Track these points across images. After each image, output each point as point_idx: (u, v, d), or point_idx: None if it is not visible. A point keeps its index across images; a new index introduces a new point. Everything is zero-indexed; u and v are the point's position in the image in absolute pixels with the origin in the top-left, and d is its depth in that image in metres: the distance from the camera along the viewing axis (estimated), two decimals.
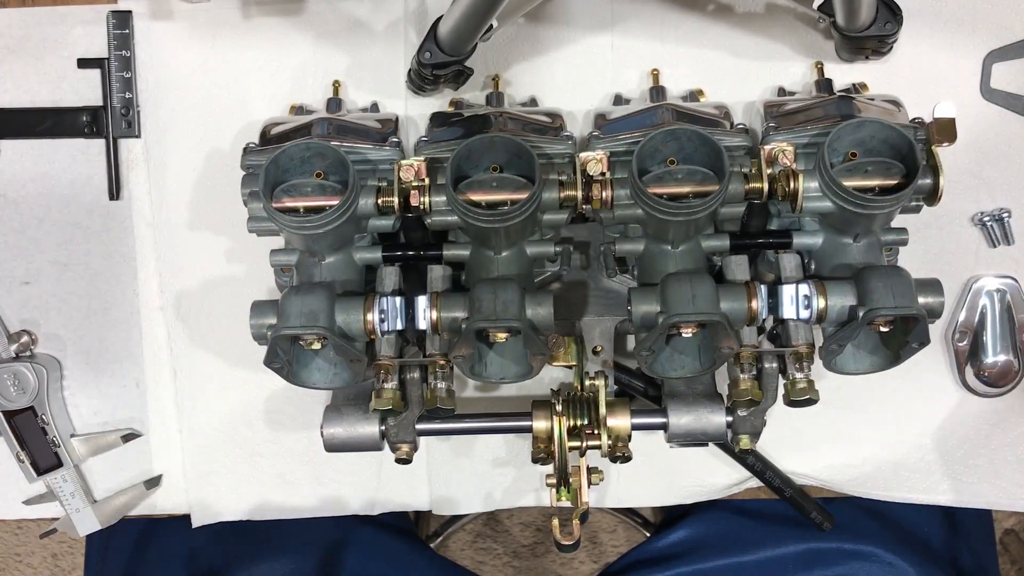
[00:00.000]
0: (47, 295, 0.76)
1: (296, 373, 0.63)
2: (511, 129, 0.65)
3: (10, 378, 0.73)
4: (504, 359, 0.64)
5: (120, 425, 0.77)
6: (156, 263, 0.75)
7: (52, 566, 1.67)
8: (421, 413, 0.66)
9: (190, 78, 0.74)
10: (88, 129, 0.75)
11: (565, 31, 0.73)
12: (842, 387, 0.74)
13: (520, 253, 0.64)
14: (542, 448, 0.64)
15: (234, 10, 0.74)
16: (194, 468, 0.76)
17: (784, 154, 0.62)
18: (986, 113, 0.72)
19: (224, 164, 0.74)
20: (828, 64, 0.72)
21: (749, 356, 0.62)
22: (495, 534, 1.57)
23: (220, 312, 0.75)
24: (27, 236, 0.76)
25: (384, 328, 0.62)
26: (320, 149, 0.62)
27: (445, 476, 0.77)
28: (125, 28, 0.74)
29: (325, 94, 0.73)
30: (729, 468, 0.76)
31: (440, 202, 0.62)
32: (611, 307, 0.71)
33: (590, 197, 0.62)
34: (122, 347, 0.76)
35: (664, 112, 0.65)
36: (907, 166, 0.61)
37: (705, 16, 0.73)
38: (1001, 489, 0.75)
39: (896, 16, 0.67)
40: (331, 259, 0.64)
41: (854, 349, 0.63)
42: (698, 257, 0.64)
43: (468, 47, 0.66)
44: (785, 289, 0.61)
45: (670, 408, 0.64)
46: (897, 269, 0.60)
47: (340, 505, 0.77)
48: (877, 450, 0.75)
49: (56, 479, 0.75)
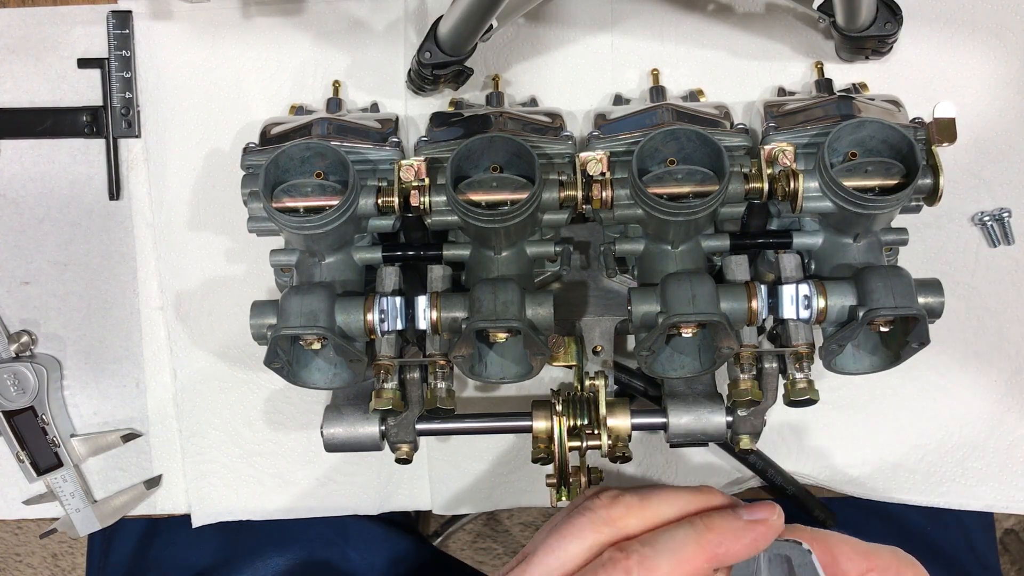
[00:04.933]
0: (47, 295, 0.76)
1: (296, 373, 0.63)
2: (511, 129, 0.65)
3: (10, 378, 0.73)
4: (504, 359, 0.64)
5: (120, 425, 0.77)
6: (156, 263, 0.75)
7: (52, 566, 1.68)
8: (421, 413, 0.66)
9: (190, 78, 0.74)
10: (88, 129, 0.75)
11: (565, 31, 0.73)
12: (842, 387, 0.74)
13: (520, 253, 0.64)
14: (542, 448, 0.64)
15: (234, 10, 0.74)
16: (194, 468, 0.77)
17: (784, 154, 0.62)
18: (986, 113, 0.72)
19: (224, 164, 0.74)
20: (828, 64, 0.72)
21: (749, 356, 0.62)
22: (495, 534, 1.57)
23: (220, 312, 0.75)
24: (27, 236, 0.76)
25: (384, 328, 0.62)
26: (320, 149, 0.62)
27: (445, 476, 0.77)
28: (125, 28, 0.74)
29: (325, 94, 0.73)
30: (729, 468, 0.76)
31: (440, 202, 0.63)
32: (611, 307, 0.71)
33: (590, 197, 0.62)
34: (122, 347, 0.76)
35: (664, 112, 0.65)
36: (907, 166, 0.61)
37: (705, 16, 0.73)
38: (1001, 491, 0.75)
39: (896, 16, 0.67)
40: (331, 259, 0.64)
41: (854, 349, 0.63)
42: (698, 257, 0.64)
43: (468, 47, 0.66)
44: (785, 289, 0.61)
45: (670, 408, 0.64)
46: (897, 269, 0.60)
47: (340, 505, 0.77)
48: (877, 450, 0.75)
49: (56, 479, 0.75)
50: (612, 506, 0.49)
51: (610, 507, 0.49)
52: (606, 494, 0.50)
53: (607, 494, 0.50)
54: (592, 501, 0.50)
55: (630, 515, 0.49)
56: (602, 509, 0.49)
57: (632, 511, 0.49)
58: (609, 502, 0.50)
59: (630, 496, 0.50)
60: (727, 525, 0.48)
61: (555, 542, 0.49)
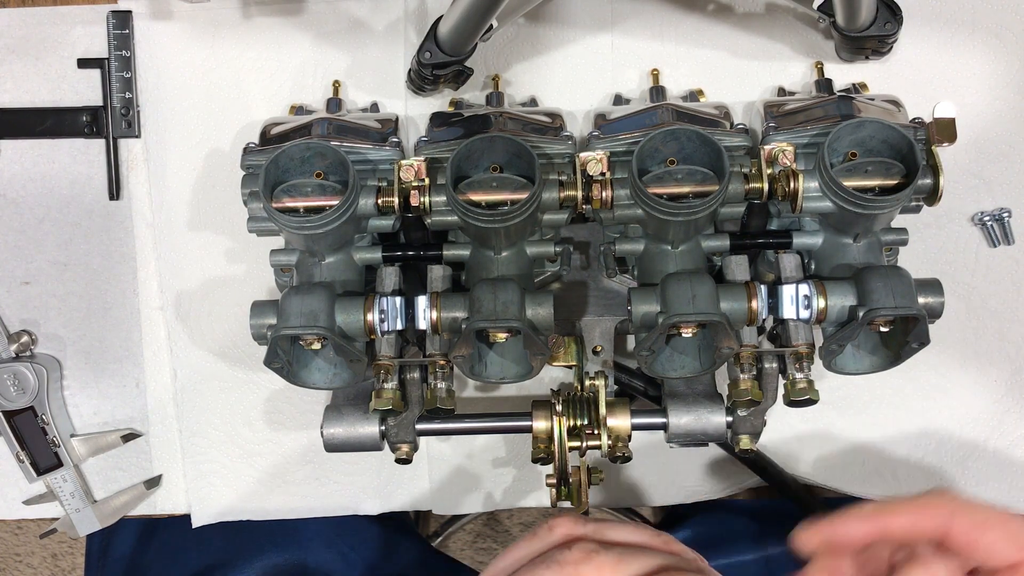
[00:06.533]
0: (47, 295, 0.76)
1: (296, 373, 0.63)
2: (511, 129, 0.65)
3: (10, 378, 0.73)
4: (504, 359, 0.64)
5: (120, 425, 0.77)
6: (156, 263, 0.75)
7: (52, 566, 1.68)
8: (421, 413, 0.66)
9: (190, 78, 0.74)
10: (88, 129, 0.75)
11: (565, 31, 0.73)
12: (842, 387, 0.74)
13: (520, 253, 0.64)
14: (542, 448, 0.64)
15: (234, 10, 0.74)
16: (194, 468, 0.77)
17: (784, 154, 0.62)
18: (986, 113, 0.72)
19: (224, 164, 0.74)
20: (828, 64, 0.72)
21: (749, 356, 0.62)
22: (495, 534, 1.57)
23: (220, 312, 0.75)
24: (27, 236, 0.76)
25: (384, 328, 0.62)
26: (320, 149, 0.62)
27: (445, 476, 0.77)
28: (125, 28, 0.74)
29: (325, 94, 0.73)
30: (730, 468, 0.76)
31: (440, 202, 0.63)
32: (611, 307, 0.71)
33: (590, 197, 0.62)
34: (122, 347, 0.76)
35: (664, 112, 0.65)
36: (907, 166, 0.61)
37: (705, 16, 0.73)
38: (1001, 491, 0.75)
39: (896, 16, 0.67)
40: (331, 259, 0.64)
41: (854, 349, 0.63)
42: (698, 257, 0.64)
43: (468, 47, 0.66)
44: (785, 289, 0.61)
45: (670, 408, 0.64)
46: (897, 269, 0.60)
47: (340, 505, 0.77)
48: (877, 450, 0.75)
49: (56, 479, 0.75)
50: (583, 563, 0.45)
51: (579, 564, 0.45)
52: (580, 548, 0.46)
53: (581, 548, 0.46)
54: (563, 554, 0.46)
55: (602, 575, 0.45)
56: (571, 566, 0.45)
57: (604, 573, 0.45)
58: (581, 558, 0.45)
59: (605, 556, 0.46)
60: None
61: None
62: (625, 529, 0.49)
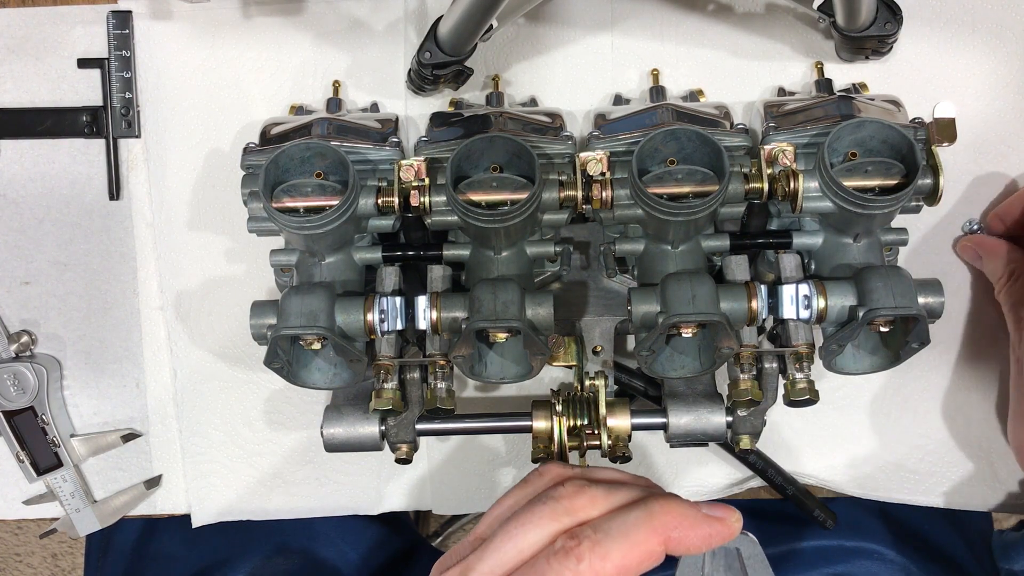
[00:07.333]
0: (47, 295, 0.76)
1: (296, 373, 0.63)
2: (511, 129, 0.65)
3: (10, 378, 0.73)
4: (504, 359, 0.64)
5: (120, 425, 0.77)
6: (156, 263, 0.75)
7: (52, 566, 1.68)
8: (421, 413, 0.66)
9: (190, 78, 0.74)
10: (88, 129, 0.75)
11: (565, 31, 0.73)
12: (842, 387, 0.74)
13: (520, 253, 0.64)
14: (542, 448, 0.64)
15: (234, 10, 0.74)
16: (194, 468, 0.77)
17: (784, 154, 0.62)
18: (986, 113, 0.72)
19: (224, 164, 0.74)
20: (828, 64, 0.72)
21: (749, 356, 0.62)
22: None
23: (220, 312, 0.75)
24: (27, 236, 0.76)
25: (384, 328, 0.62)
26: (320, 149, 0.62)
27: (445, 476, 0.77)
28: (125, 28, 0.74)
29: (325, 94, 0.73)
30: (729, 468, 0.76)
31: (440, 202, 0.63)
32: (611, 307, 0.71)
33: (590, 197, 0.62)
34: (122, 347, 0.76)
35: (664, 112, 0.65)
36: (907, 166, 0.61)
37: (705, 16, 0.73)
38: (1001, 492, 0.75)
39: (896, 16, 0.67)
40: (331, 259, 0.64)
41: (854, 349, 0.63)
42: (698, 257, 0.64)
43: (468, 47, 0.66)
44: (785, 289, 0.61)
45: (670, 408, 0.64)
46: (897, 269, 0.60)
47: (340, 505, 0.77)
48: (877, 450, 0.75)
49: (56, 479, 0.75)
50: (576, 496, 0.49)
51: (574, 497, 0.48)
52: (571, 483, 0.49)
53: (572, 484, 0.49)
54: (556, 490, 0.49)
55: (594, 507, 0.48)
56: (566, 500, 0.48)
57: (596, 504, 0.48)
58: (574, 492, 0.49)
59: (595, 489, 0.49)
60: (682, 511, 0.47)
61: (514, 529, 0.48)
62: (608, 471, 0.54)
